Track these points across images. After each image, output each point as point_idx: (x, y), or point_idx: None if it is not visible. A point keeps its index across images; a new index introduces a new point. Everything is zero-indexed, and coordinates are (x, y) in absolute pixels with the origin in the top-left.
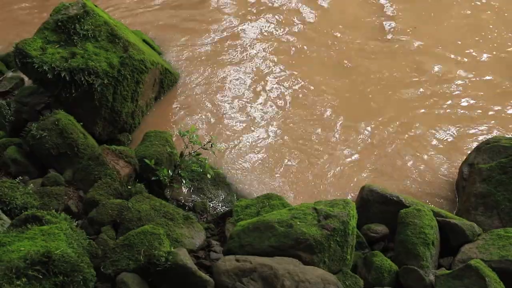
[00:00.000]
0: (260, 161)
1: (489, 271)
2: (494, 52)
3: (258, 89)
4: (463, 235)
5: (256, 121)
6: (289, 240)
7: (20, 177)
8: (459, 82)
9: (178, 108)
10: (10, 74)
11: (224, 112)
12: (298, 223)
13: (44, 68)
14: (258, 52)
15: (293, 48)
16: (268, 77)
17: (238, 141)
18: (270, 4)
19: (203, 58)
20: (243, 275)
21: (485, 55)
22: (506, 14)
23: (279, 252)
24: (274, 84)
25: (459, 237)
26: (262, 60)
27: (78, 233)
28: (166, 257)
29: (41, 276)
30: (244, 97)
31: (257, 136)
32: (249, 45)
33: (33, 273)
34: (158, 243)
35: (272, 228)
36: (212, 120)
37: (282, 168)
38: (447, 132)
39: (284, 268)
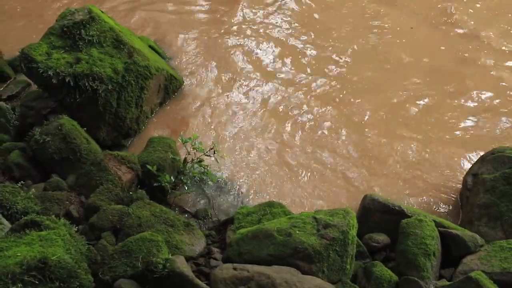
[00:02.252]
0: (264, 169)
1: (490, 283)
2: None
3: (264, 95)
4: (464, 246)
5: (261, 127)
6: (288, 249)
7: (22, 181)
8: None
9: (181, 114)
10: None
11: (229, 118)
12: (297, 232)
13: (49, 73)
14: (266, 58)
15: (305, 52)
16: (275, 83)
17: (243, 147)
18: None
19: (209, 63)
20: (240, 283)
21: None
22: None
23: (277, 261)
24: (281, 91)
25: (460, 248)
26: (270, 67)
27: (77, 238)
28: (164, 264)
29: (37, 282)
30: (250, 103)
31: (262, 143)
32: (256, 51)
33: (29, 279)
34: (156, 250)
35: (271, 236)
36: (217, 126)
37: (286, 176)
38: (452, 140)
39: (282, 277)
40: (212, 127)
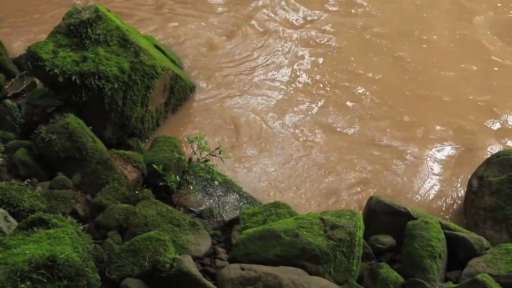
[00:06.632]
0: (271, 170)
1: (496, 286)
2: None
3: (276, 98)
4: (470, 249)
5: (268, 128)
6: (295, 250)
7: (28, 179)
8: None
9: (193, 118)
10: None
11: (238, 119)
12: (304, 232)
13: (55, 71)
14: (281, 65)
15: (322, 59)
16: (289, 91)
17: (247, 147)
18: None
19: (223, 66)
20: (248, 283)
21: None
22: None
23: (284, 261)
24: (295, 97)
25: (466, 250)
26: (282, 75)
27: (84, 237)
28: (171, 264)
29: (45, 280)
30: (261, 104)
31: (268, 144)
32: (271, 56)
33: (37, 277)
34: (163, 249)
35: (277, 237)
36: (227, 128)
37: (291, 178)
38: (457, 143)
39: (289, 277)
40: (223, 129)
